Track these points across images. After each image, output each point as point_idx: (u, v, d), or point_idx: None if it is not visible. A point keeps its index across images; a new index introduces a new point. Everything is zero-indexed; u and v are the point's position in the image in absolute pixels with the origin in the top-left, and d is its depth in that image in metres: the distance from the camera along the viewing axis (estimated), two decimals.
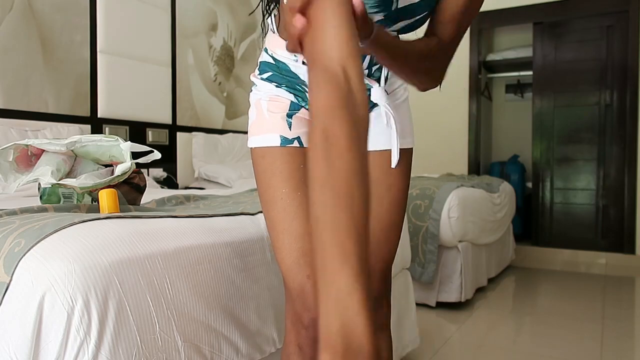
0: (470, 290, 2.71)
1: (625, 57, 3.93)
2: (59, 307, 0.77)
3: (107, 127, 2.95)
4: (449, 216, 2.59)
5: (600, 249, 4.04)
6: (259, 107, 1.02)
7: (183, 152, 3.52)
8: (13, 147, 1.24)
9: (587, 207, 4.17)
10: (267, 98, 1.01)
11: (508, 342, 2.25)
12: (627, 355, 2.06)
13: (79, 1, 2.80)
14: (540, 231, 4.30)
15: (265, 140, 0.98)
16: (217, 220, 1.18)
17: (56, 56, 2.69)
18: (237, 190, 2.11)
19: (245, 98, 4.12)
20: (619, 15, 3.97)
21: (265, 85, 1.03)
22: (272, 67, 1.02)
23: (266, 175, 0.97)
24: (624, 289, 3.23)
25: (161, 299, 0.92)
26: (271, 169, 0.96)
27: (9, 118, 2.44)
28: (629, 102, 3.90)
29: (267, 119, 1.00)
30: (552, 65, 4.24)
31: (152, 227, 1.00)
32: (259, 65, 1.06)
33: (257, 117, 1.02)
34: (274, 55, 1.02)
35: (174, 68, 3.43)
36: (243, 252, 1.14)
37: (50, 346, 0.77)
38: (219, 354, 1.03)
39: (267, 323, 1.17)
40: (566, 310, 2.68)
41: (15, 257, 0.80)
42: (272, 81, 1.02)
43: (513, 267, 3.83)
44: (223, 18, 3.88)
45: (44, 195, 1.25)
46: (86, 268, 0.81)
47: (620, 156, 3.99)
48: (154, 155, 1.30)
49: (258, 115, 1.02)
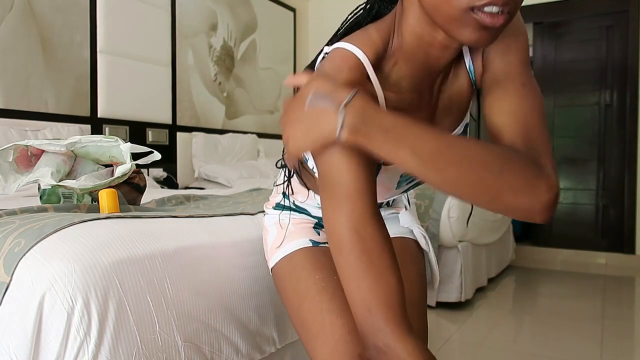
0: (470, 290, 2.71)
1: (625, 57, 3.93)
2: (59, 307, 0.77)
3: (107, 127, 2.95)
4: (449, 216, 2.59)
5: (600, 248, 4.04)
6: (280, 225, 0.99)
7: (183, 152, 3.52)
8: (13, 147, 1.24)
9: (587, 207, 4.17)
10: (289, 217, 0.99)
11: (508, 342, 2.24)
12: (627, 355, 2.06)
13: (79, 1, 2.80)
14: (540, 231, 4.30)
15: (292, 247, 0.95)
16: (217, 220, 1.18)
17: (56, 56, 2.68)
18: (237, 190, 2.11)
19: (245, 98, 4.12)
20: (619, 15, 3.97)
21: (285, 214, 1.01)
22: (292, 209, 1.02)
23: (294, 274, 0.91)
24: (624, 289, 3.23)
25: (161, 299, 0.92)
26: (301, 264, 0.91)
27: (9, 118, 2.44)
28: (629, 102, 3.90)
29: (292, 230, 0.97)
30: (552, 65, 4.24)
31: (152, 227, 1.00)
32: (275, 205, 1.04)
33: (279, 233, 0.99)
34: (295, 202, 1.01)
35: (174, 68, 3.43)
36: (243, 252, 1.14)
37: (50, 346, 0.77)
38: (219, 354, 1.03)
39: (267, 323, 1.17)
40: (566, 310, 2.68)
41: (15, 257, 0.80)
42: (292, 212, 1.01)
43: (513, 267, 3.83)
44: (223, 18, 3.88)
45: (44, 195, 1.25)
46: (86, 268, 0.81)
47: (620, 156, 3.99)
48: (154, 156, 1.30)
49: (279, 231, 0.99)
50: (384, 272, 0.68)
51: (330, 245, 0.71)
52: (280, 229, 0.99)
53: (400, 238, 1.00)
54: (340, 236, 0.68)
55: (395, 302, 0.67)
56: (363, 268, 0.67)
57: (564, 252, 4.12)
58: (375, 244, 0.68)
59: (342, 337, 0.81)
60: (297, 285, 0.90)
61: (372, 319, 0.67)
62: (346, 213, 0.68)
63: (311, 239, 0.95)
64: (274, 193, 1.06)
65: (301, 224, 0.99)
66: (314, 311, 0.85)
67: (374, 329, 0.67)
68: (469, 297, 2.70)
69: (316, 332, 0.84)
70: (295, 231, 0.97)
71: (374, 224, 0.68)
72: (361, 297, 0.68)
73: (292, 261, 0.93)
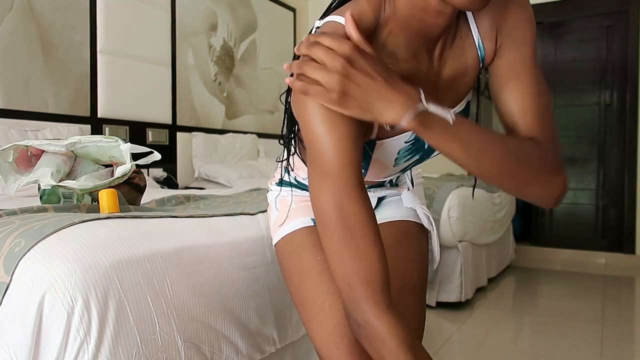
0: (470, 290, 2.71)
1: (625, 57, 3.93)
2: (59, 307, 0.77)
3: (107, 127, 2.94)
4: (449, 216, 2.59)
5: (600, 248, 4.04)
6: (283, 202, 1.00)
7: (183, 152, 3.52)
8: (13, 147, 1.24)
9: (587, 207, 4.17)
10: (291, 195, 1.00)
11: (508, 342, 2.24)
12: (627, 355, 2.06)
13: (79, 1, 2.80)
14: (540, 231, 4.30)
15: (293, 226, 0.95)
16: (217, 220, 1.18)
17: (56, 56, 2.68)
18: (237, 190, 2.11)
19: (245, 98, 4.12)
20: (619, 15, 3.97)
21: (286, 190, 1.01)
22: (293, 185, 1.02)
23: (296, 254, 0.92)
24: (624, 289, 3.23)
25: (161, 299, 0.92)
26: (303, 244, 0.92)
27: (9, 118, 2.44)
28: (629, 102, 3.90)
29: (294, 208, 0.98)
30: (552, 65, 4.24)
31: (152, 227, 1.00)
32: (278, 180, 1.04)
33: (282, 210, 0.99)
34: (297, 179, 1.01)
35: (174, 68, 3.43)
36: (243, 252, 1.14)
37: (50, 346, 0.77)
38: (219, 354, 1.03)
39: (267, 323, 1.17)
40: (566, 310, 2.68)
41: (15, 257, 0.80)
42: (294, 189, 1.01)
43: (513, 267, 3.83)
44: (223, 18, 3.88)
45: (44, 195, 1.25)
46: (86, 268, 0.81)
47: (620, 156, 3.99)
48: (154, 156, 1.30)
49: (282, 208, 0.99)
50: (366, 250, 0.68)
51: (315, 218, 0.72)
52: (283, 206, 0.99)
53: (404, 222, 1.00)
54: (324, 212, 0.69)
55: (376, 279, 0.68)
56: (345, 244, 0.68)
57: (564, 252, 4.12)
58: (358, 221, 0.69)
59: (341, 321, 0.82)
60: (299, 265, 0.91)
61: (353, 294, 0.68)
62: (330, 188, 0.68)
63: (312, 218, 0.95)
64: (277, 169, 1.06)
65: (303, 202, 0.98)
66: (315, 293, 0.86)
67: (355, 304, 0.69)
68: (469, 297, 2.70)
69: (316, 314, 0.85)
70: (297, 209, 0.97)
71: (358, 200, 0.69)
72: (343, 273, 0.69)
73: (293, 240, 0.94)
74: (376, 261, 0.69)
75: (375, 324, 0.67)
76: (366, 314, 0.68)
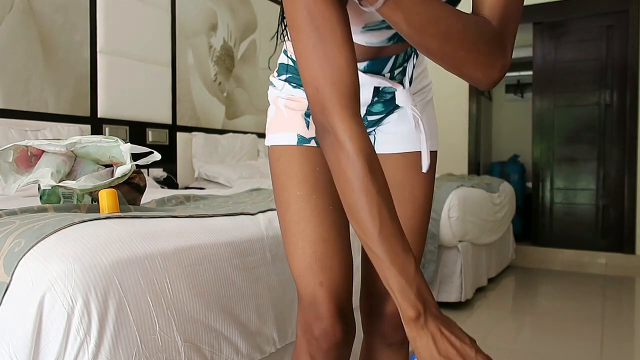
0: (470, 290, 2.71)
1: (625, 57, 3.93)
2: (59, 307, 0.77)
3: (107, 127, 2.94)
4: (449, 216, 2.59)
5: (600, 249, 4.04)
6: (277, 105, 1.01)
7: (183, 152, 3.52)
8: (13, 147, 1.24)
9: (587, 207, 4.17)
10: (285, 97, 1.01)
11: (508, 342, 2.25)
12: (627, 355, 2.06)
13: (79, 1, 2.80)
14: (540, 231, 4.30)
15: (281, 139, 0.97)
16: (217, 220, 1.18)
17: (56, 56, 2.69)
18: (237, 190, 2.11)
19: (245, 98, 4.12)
20: (619, 15, 3.97)
21: (283, 85, 1.02)
22: (290, 69, 1.01)
23: (282, 179, 0.95)
24: (624, 289, 3.23)
25: (161, 299, 0.92)
26: (287, 172, 0.94)
27: (9, 118, 2.44)
28: (629, 102, 3.90)
29: (285, 116, 0.99)
30: (552, 65, 4.24)
31: (152, 227, 1.00)
32: (278, 66, 1.05)
33: (276, 114, 1.01)
34: (293, 57, 1.00)
35: (174, 68, 3.43)
36: (243, 252, 1.14)
37: (50, 346, 0.77)
38: (219, 354, 1.03)
39: (267, 323, 1.17)
40: (566, 311, 2.68)
41: (15, 257, 0.80)
42: (290, 82, 1.01)
43: (513, 267, 3.83)
44: (223, 18, 3.88)
45: (44, 195, 1.25)
46: (86, 268, 0.81)
47: (620, 156, 3.99)
48: (154, 156, 1.30)
49: (277, 112, 1.01)
50: (334, 52, 0.69)
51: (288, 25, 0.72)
52: (277, 109, 1.01)
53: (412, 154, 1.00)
54: (293, 13, 0.69)
55: (343, 83, 0.69)
56: (312, 45, 0.69)
57: (564, 252, 4.12)
58: (326, 21, 0.68)
59: (309, 266, 0.86)
60: (282, 192, 0.93)
61: (319, 97, 0.69)
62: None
63: (299, 134, 0.96)
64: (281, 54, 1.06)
65: (294, 110, 0.99)
66: (292, 230, 0.90)
67: (321, 107, 0.69)
68: (469, 297, 2.70)
69: (291, 250, 0.90)
70: (287, 119, 0.98)
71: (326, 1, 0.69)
72: (310, 76, 0.70)
73: (279, 162, 0.95)
74: (344, 65, 0.69)
75: (339, 126, 0.68)
76: (332, 116, 0.68)
